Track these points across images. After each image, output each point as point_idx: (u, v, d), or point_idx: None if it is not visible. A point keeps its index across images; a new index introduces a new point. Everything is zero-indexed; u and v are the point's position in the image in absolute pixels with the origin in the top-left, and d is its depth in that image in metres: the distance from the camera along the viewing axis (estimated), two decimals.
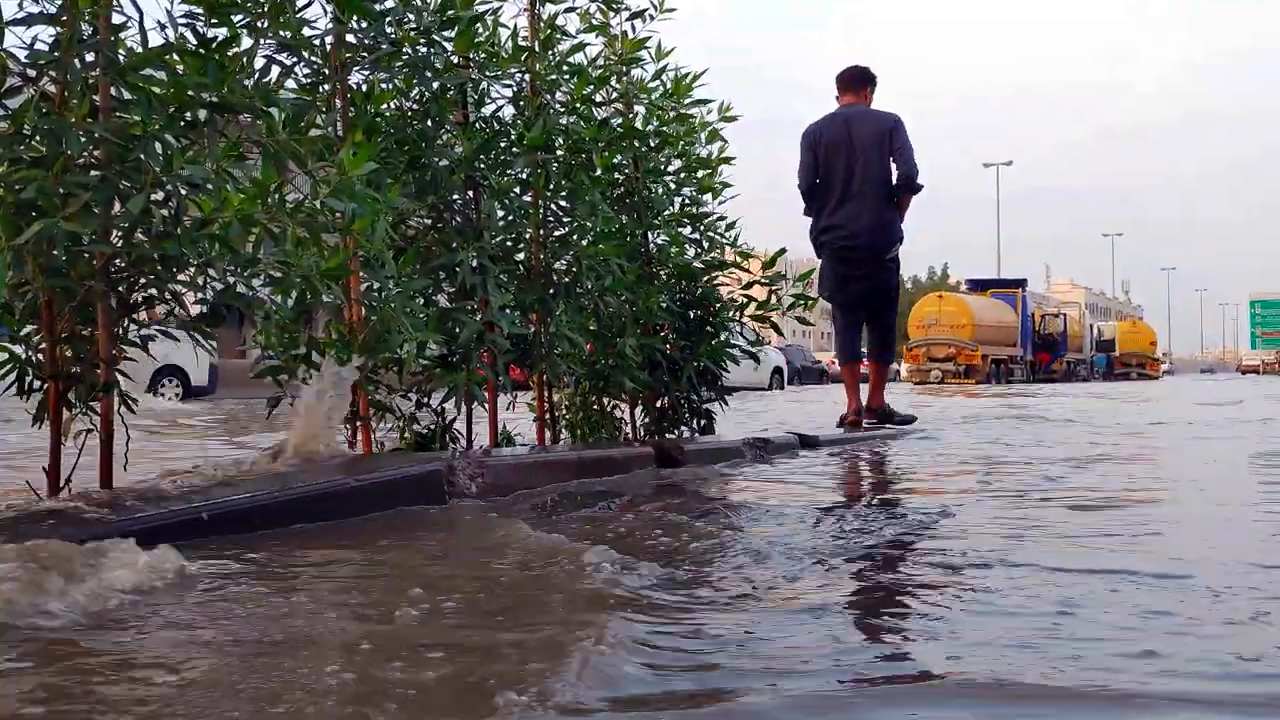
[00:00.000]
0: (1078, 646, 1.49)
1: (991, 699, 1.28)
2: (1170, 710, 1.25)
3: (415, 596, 1.72)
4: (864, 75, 6.71)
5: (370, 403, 3.29)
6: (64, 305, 2.51)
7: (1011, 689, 1.31)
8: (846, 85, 6.69)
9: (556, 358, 3.95)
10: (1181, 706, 1.26)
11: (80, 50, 2.38)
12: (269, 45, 2.83)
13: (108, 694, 1.28)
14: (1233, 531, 2.69)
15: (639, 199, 4.55)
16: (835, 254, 6.51)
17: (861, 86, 6.67)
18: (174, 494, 2.49)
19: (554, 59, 4.09)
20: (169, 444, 5.61)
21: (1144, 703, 1.27)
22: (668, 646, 1.49)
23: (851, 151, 6.41)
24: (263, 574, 1.99)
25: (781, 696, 1.28)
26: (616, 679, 1.32)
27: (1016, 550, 2.25)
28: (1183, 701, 1.27)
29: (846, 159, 6.42)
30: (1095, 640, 1.53)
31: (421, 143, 3.51)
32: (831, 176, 6.46)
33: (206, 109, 2.54)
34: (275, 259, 2.60)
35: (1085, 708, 1.26)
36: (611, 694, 1.28)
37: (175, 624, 1.62)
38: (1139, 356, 47.15)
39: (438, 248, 3.63)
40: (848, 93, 6.67)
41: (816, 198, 6.54)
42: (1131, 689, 1.30)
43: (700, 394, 4.76)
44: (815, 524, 2.70)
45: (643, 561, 2.02)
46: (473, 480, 3.00)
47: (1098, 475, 3.79)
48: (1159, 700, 1.27)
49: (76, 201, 2.30)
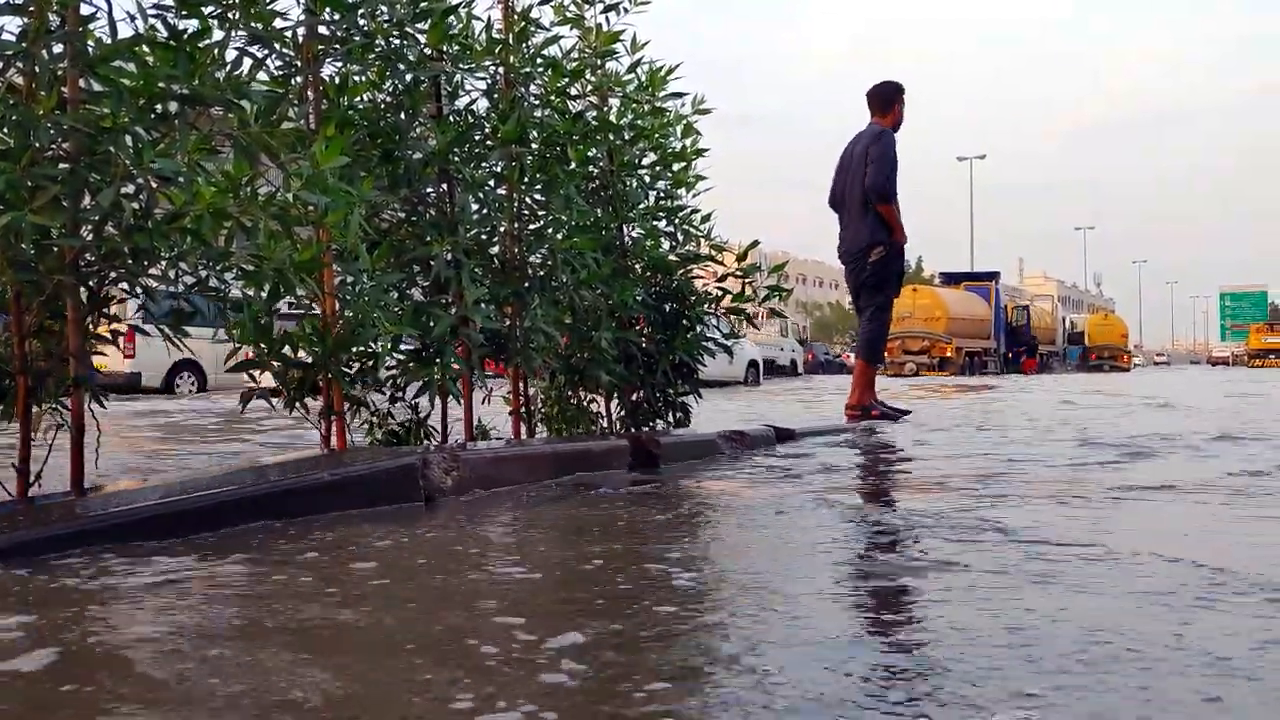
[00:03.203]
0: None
1: None
2: None
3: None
4: (880, 95, 7.07)
5: (344, 397, 3.28)
6: (32, 299, 2.49)
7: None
8: (869, 106, 7.14)
9: (532, 351, 3.95)
10: None
11: (48, 41, 2.36)
12: (240, 37, 2.81)
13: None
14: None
15: (614, 192, 4.55)
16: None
17: (880, 108, 7.07)
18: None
19: (528, 52, 4.08)
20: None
21: None
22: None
23: (847, 170, 7.04)
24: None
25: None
26: None
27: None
28: None
29: (847, 178, 7.02)
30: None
31: (395, 135, 3.49)
32: (840, 194, 7.11)
33: (177, 101, 2.52)
34: (248, 252, 2.59)
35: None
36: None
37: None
38: (1111, 349, 47.64)
39: (412, 241, 3.62)
40: (872, 114, 7.14)
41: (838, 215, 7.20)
42: None
43: (676, 387, 4.77)
44: (777, 514, 2.72)
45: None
46: (448, 474, 2.99)
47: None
48: None
49: (45, 194, 2.28)
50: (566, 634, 1.50)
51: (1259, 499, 2.98)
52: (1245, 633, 1.52)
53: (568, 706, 1.21)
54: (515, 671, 1.33)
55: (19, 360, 2.51)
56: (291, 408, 3.24)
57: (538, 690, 1.26)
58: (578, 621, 1.57)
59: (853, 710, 1.20)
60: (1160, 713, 1.20)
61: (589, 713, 1.20)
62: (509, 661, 1.37)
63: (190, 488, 2.49)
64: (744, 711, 1.20)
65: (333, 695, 1.25)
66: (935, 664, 1.37)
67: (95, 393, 2.62)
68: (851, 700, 1.23)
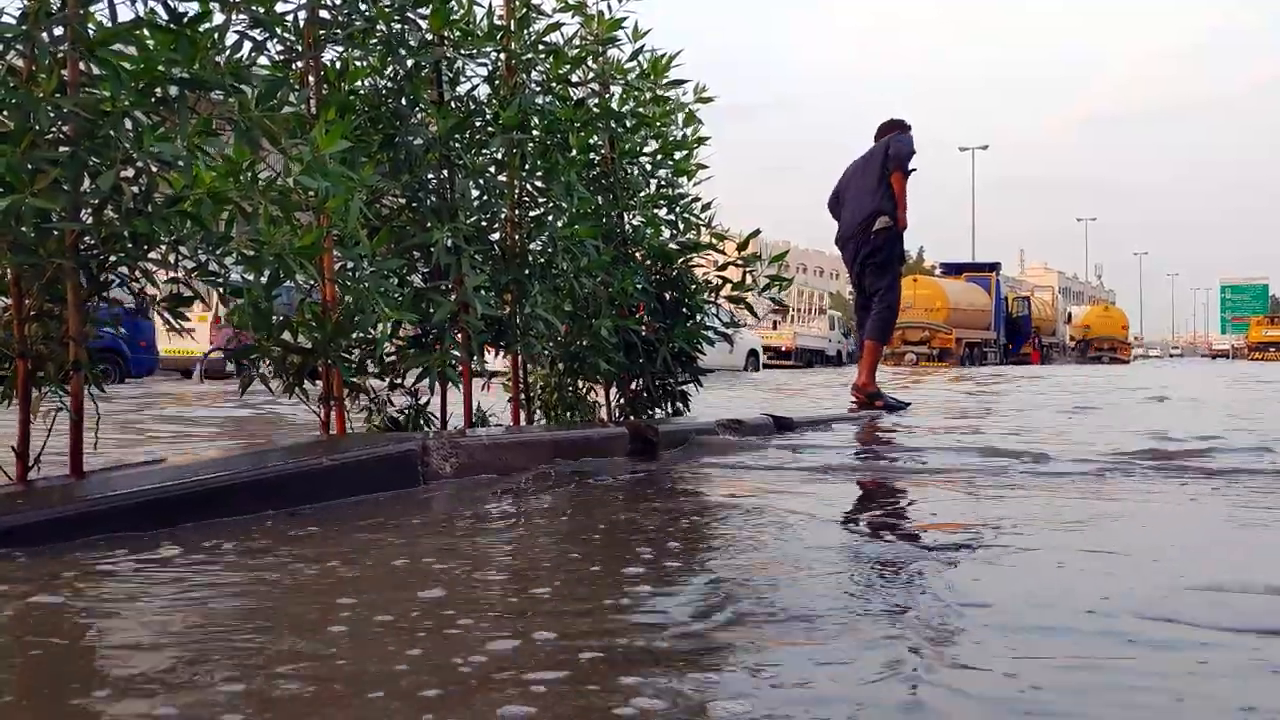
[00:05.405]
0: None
1: None
2: None
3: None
4: (883, 129, 7.39)
5: (344, 383, 3.28)
6: (32, 282, 2.48)
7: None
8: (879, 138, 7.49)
9: (532, 338, 3.95)
10: None
11: (48, 24, 2.35)
12: (241, 21, 2.80)
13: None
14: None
15: (615, 180, 4.54)
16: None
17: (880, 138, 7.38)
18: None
19: (530, 38, 4.07)
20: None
21: None
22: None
23: (852, 175, 7.42)
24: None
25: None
26: None
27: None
28: None
29: (852, 179, 7.40)
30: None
31: (395, 121, 3.48)
32: (842, 191, 7.46)
33: (177, 85, 2.51)
34: (248, 237, 2.58)
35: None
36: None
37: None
38: (1111, 340, 47.56)
39: (412, 227, 3.61)
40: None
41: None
42: None
43: (675, 376, 4.76)
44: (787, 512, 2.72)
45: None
46: (447, 460, 2.99)
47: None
48: None
49: (45, 178, 2.28)
50: (541, 632, 1.50)
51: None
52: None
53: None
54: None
55: (19, 343, 2.51)
56: (291, 393, 3.24)
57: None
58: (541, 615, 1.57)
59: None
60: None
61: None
62: (502, 669, 1.38)
63: (189, 472, 2.49)
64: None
65: (327, 679, 1.25)
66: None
67: (94, 377, 2.61)
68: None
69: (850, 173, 7.42)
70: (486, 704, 1.16)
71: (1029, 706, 1.18)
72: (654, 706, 1.15)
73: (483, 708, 1.15)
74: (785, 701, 1.19)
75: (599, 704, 1.16)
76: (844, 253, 7.40)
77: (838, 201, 7.46)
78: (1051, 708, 1.18)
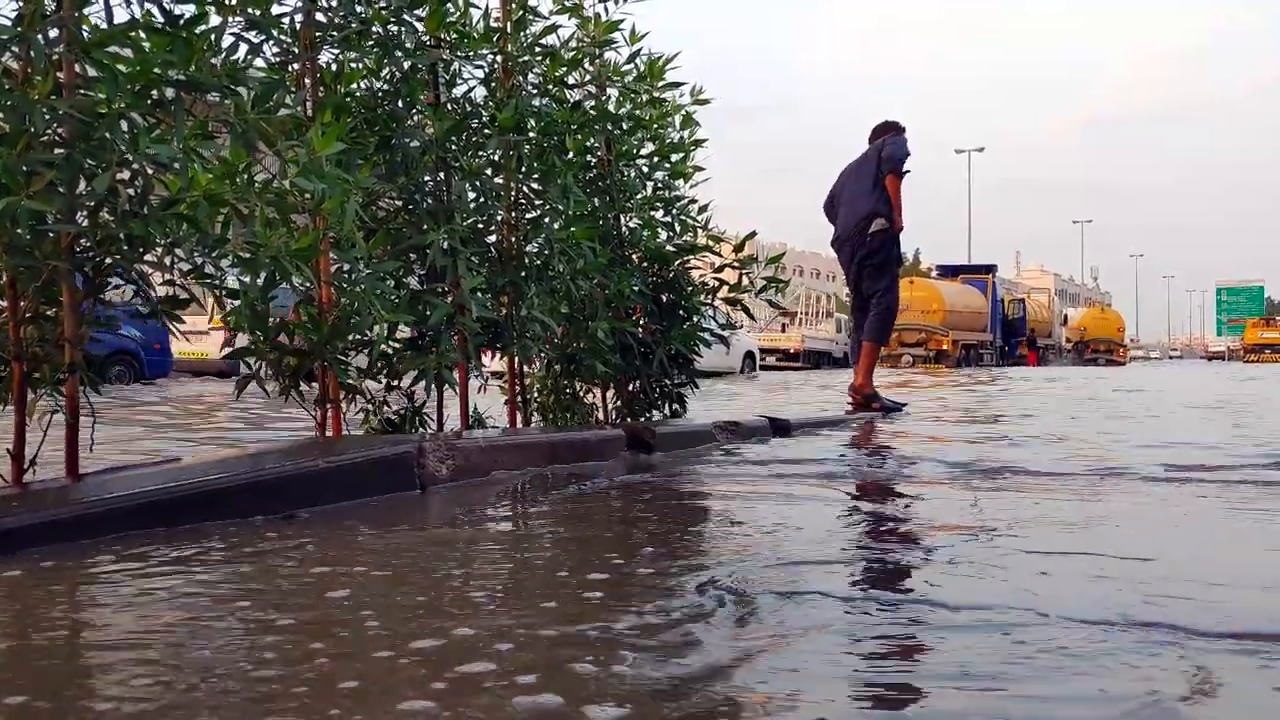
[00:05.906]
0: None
1: None
2: None
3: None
4: (877, 132, 7.45)
5: (340, 385, 3.28)
6: (28, 284, 2.48)
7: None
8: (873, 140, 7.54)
9: (528, 340, 3.95)
10: None
11: (44, 26, 2.34)
12: (237, 23, 2.80)
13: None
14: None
15: (611, 182, 4.54)
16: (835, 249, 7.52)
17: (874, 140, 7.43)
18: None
19: (526, 40, 4.07)
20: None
21: None
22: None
23: (847, 176, 7.45)
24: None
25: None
26: None
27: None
28: None
29: (847, 181, 7.44)
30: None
31: (392, 123, 3.48)
32: (837, 194, 7.50)
33: (173, 87, 2.51)
34: (244, 239, 2.58)
35: None
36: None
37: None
38: (1107, 342, 47.59)
39: (408, 229, 3.61)
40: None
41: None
42: None
43: (672, 378, 4.77)
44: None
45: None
46: (443, 463, 2.99)
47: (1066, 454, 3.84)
48: None
49: (41, 180, 2.27)
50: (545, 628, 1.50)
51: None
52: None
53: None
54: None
55: (14, 346, 2.50)
56: (287, 395, 3.24)
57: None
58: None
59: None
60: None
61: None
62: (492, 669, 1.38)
63: (185, 475, 2.49)
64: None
65: (325, 681, 1.25)
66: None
67: (89, 379, 2.61)
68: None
69: (845, 176, 7.45)
70: (487, 704, 1.16)
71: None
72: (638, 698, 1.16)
73: (483, 708, 1.15)
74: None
75: (595, 699, 1.17)
76: (840, 255, 7.45)
77: (833, 204, 7.53)
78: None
